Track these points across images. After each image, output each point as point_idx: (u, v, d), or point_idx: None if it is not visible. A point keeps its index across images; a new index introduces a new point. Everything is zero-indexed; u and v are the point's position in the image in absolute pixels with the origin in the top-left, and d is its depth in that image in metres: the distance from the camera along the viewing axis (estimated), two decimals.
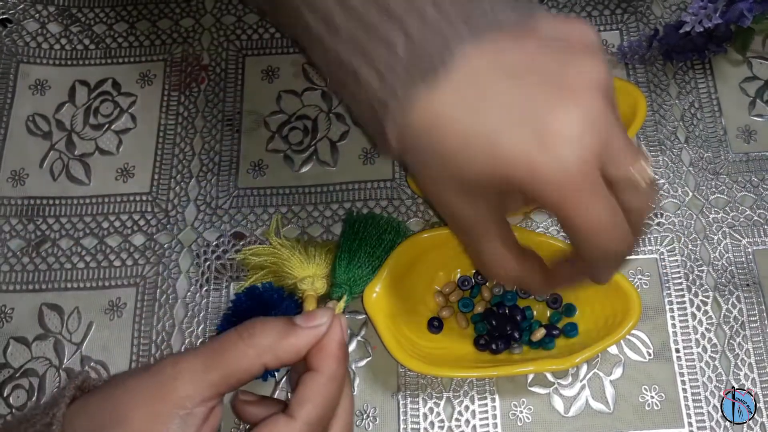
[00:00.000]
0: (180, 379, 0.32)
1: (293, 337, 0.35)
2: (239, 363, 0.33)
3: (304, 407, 0.34)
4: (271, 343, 0.34)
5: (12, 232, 0.54)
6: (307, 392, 0.34)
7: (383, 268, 0.47)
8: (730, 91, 0.55)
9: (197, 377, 0.33)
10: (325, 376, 0.35)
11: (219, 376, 0.33)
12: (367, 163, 0.55)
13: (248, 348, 0.34)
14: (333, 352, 0.36)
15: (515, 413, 0.47)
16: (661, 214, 0.52)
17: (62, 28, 0.61)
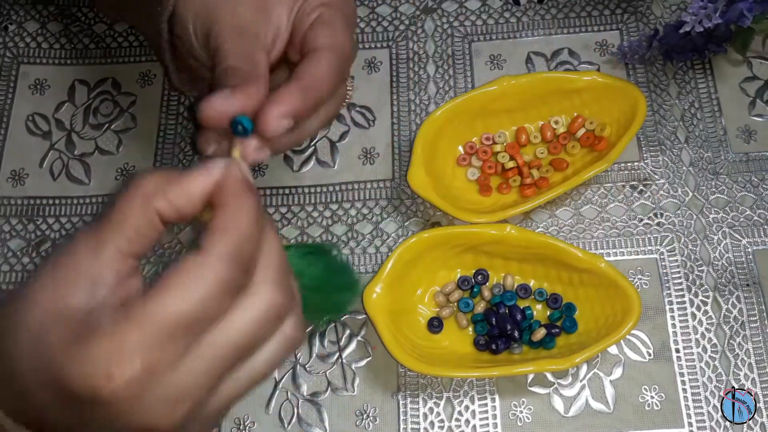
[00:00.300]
0: (77, 253, 0.30)
1: (183, 180, 0.31)
2: (127, 216, 0.30)
3: (215, 238, 0.29)
4: (157, 186, 0.30)
5: (12, 232, 0.54)
6: (216, 225, 0.30)
7: (383, 267, 0.47)
8: (730, 91, 0.55)
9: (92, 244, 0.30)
10: (230, 210, 0.30)
11: (111, 237, 0.30)
12: (367, 163, 0.55)
13: (133, 198, 0.30)
14: (234, 185, 0.31)
15: (515, 413, 0.47)
16: (661, 214, 0.52)
17: (62, 27, 0.61)
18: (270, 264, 0.31)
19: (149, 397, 0.28)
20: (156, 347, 0.27)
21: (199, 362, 0.29)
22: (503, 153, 0.53)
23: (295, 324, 0.32)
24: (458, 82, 0.57)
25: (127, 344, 0.27)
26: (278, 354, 0.31)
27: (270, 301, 0.30)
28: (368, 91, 0.57)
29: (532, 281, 0.50)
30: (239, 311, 0.29)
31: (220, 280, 0.28)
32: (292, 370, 0.49)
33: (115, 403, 0.27)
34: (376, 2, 0.60)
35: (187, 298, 0.28)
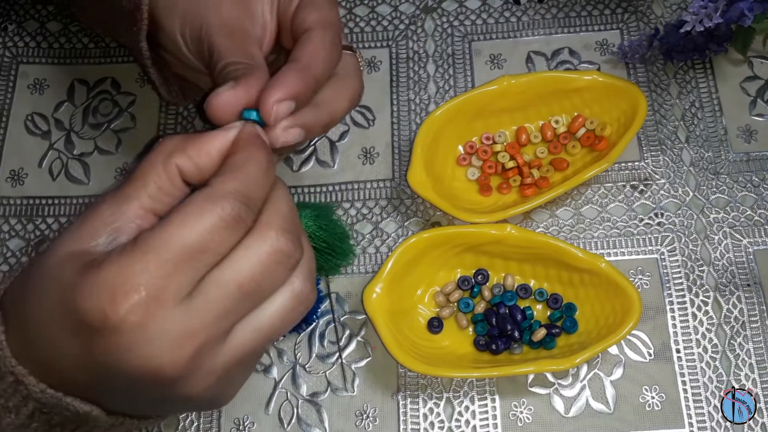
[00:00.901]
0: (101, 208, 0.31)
1: (202, 138, 0.33)
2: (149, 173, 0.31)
3: (223, 177, 0.31)
4: (177, 144, 0.32)
5: (11, 231, 0.54)
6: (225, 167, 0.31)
7: (383, 267, 0.47)
8: (731, 90, 0.55)
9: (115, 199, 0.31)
10: (241, 157, 0.32)
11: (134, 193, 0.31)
12: (366, 163, 0.55)
13: (155, 157, 0.32)
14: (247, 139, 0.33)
15: (515, 413, 0.47)
16: (661, 214, 0.52)
17: (61, 26, 0.61)
18: (278, 211, 0.32)
19: (153, 329, 0.28)
20: (161, 276, 0.28)
21: (203, 299, 0.29)
22: (503, 153, 0.53)
23: (305, 279, 0.32)
24: (458, 81, 0.57)
25: (133, 271, 0.28)
26: (289, 307, 0.32)
27: (275, 244, 0.30)
28: (368, 91, 0.57)
29: (533, 281, 0.50)
30: (243, 250, 0.30)
31: (223, 215, 0.29)
32: (291, 370, 0.49)
33: (120, 330, 0.28)
34: (376, 2, 0.60)
35: (191, 229, 0.29)
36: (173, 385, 0.30)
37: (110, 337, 0.28)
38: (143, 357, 0.29)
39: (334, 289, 0.51)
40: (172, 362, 0.29)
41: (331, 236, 0.49)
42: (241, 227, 0.30)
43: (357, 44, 0.59)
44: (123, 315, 0.28)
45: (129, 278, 0.28)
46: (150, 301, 0.28)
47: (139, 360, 0.29)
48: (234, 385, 0.34)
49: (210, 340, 0.30)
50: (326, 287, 0.51)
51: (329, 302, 0.50)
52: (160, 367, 0.29)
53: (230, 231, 0.29)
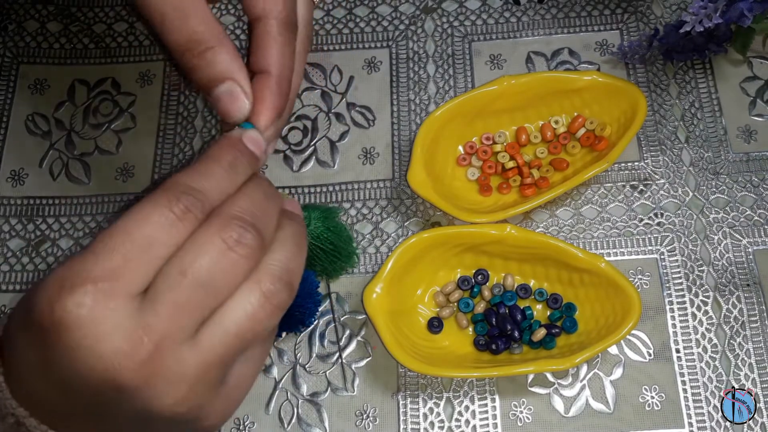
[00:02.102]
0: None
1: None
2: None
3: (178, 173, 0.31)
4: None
5: (12, 232, 0.54)
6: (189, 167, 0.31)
7: (383, 267, 0.47)
8: (731, 90, 0.55)
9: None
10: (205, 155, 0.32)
11: None
12: (367, 163, 0.55)
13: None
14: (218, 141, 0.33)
15: (515, 413, 0.47)
16: (661, 214, 0.52)
17: (62, 27, 0.61)
18: (233, 203, 0.31)
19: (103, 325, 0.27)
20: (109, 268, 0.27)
21: (156, 293, 0.28)
22: (503, 153, 0.53)
23: (275, 278, 0.30)
24: (458, 81, 0.57)
25: (82, 266, 0.27)
26: (257, 307, 0.30)
27: (224, 233, 0.29)
28: (368, 91, 0.57)
29: (532, 281, 0.50)
30: (192, 240, 0.29)
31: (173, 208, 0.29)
32: (292, 370, 0.49)
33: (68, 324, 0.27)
34: (376, 2, 0.60)
35: (139, 223, 0.28)
36: (138, 394, 0.28)
37: (59, 334, 0.27)
38: (95, 357, 0.27)
39: (334, 289, 0.51)
40: (128, 362, 0.27)
41: (338, 238, 0.49)
42: (189, 219, 0.29)
43: (357, 44, 0.59)
44: (69, 308, 0.27)
45: (76, 273, 0.27)
46: (97, 294, 0.27)
47: (92, 360, 0.27)
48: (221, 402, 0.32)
49: (169, 338, 0.28)
50: (326, 287, 0.51)
51: (329, 302, 0.51)
52: (115, 368, 0.27)
53: (178, 223, 0.29)
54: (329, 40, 0.59)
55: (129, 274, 0.28)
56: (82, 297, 0.27)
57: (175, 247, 0.29)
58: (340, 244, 0.49)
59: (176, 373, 0.28)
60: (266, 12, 0.35)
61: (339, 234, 0.49)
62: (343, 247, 0.50)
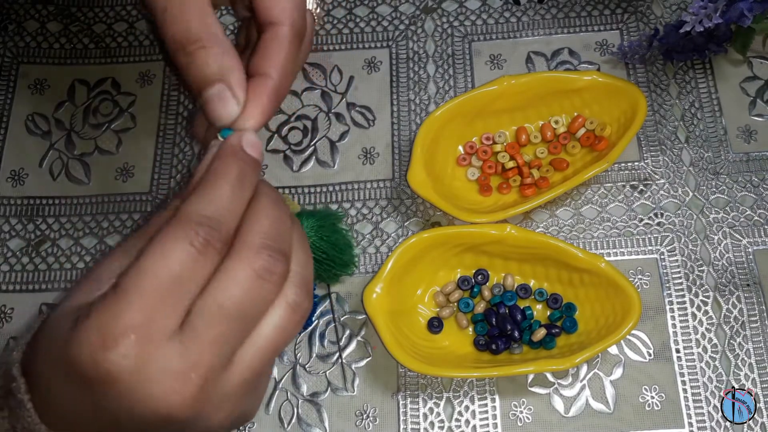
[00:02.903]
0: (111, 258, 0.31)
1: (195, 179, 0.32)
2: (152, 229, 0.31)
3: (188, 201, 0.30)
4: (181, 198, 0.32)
5: (12, 231, 0.54)
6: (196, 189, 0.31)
7: (383, 267, 0.47)
8: (731, 90, 0.55)
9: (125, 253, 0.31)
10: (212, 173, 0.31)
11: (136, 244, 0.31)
12: (367, 163, 0.55)
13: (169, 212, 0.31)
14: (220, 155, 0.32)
15: (515, 413, 0.47)
16: (661, 214, 0.52)
17: (61, 27, 0.61)
18: (255, 227, 0.31)
19: (151, 369, 0.28)
20: (145, 315, 0.28)
21: (195, 330, 0.29)
22: (503, 153, 0.53)
23: (298, 288, 0.31)
24: (458, 82, 0.57)
25: (117, 315, 0.28)
26: (286, 320, 0.31)
27: (255, 263, 0.30)
28: (368, 91, 0.57)
29: (532, 281, 0.50)
30: (223, 274, 0.29)
31: (194, 242, 0.29)
32: (292, 370, 0.49)
33: (117, 375, 0.27)
34: (376, 2, 0.60)
35: (163, 263, 0.28)
36: (190, 422, 0.29)
37: (110, 385, 0.28)
38: (148, 399, 0.28)
39: (334, 289, 0.51)
40: (180, 399, 0.28)
41: (332, 247, 0.49)
42: (211, 251, 0.29)
43: (357, 44, 0.59)
44: (116, 360, 0.27)
45: (114, 323, 0.27)
46: (140, 342, 0.27)
47: (145, 403, 0.28)
48: (255, 400, 0.34)
49: (213, 370, 0.29)
50: (326, 287, 0.51)
51: (329, 302, 0.51)
52: (168, 407, 0.28)
53: (202, 257, 0.29)
54: (329, 40, 0.59)
55: (164, 316, 0.28)
56: (125, 349, 0.27)
57: (203, 280, 0.29)
58: (334, 254, 0.49)
59: (222, 396, 0.30)
60: (280, 19, 0.35)
61: (334, 243, 0.49)
62: (337, 256, 0.49)
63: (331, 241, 0.49)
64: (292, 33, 0.36)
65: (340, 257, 0.49)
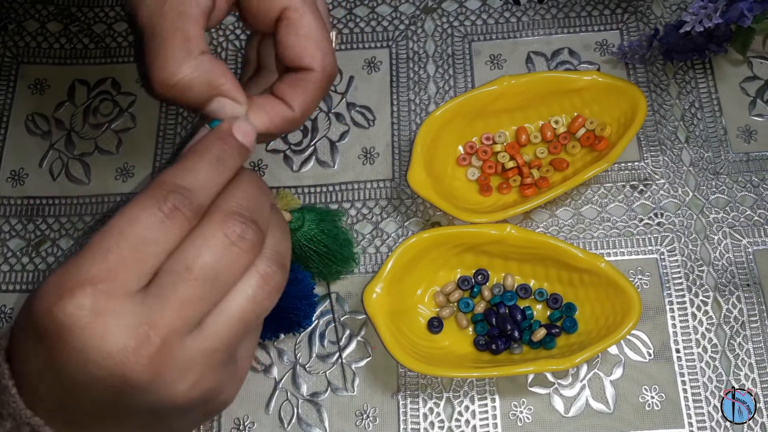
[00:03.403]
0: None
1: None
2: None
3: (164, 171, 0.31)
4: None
5: (12, 231, 0.54)
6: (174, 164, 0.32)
7: (383, 267, 0.47)
8: (731, 90, 0.55)
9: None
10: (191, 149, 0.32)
11: None
12: (367, 163, 0.55)
13: None
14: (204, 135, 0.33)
15: (515, 413, 0.47)
16: (661, 214, 0.52)
17: (62, 27, 0.61)
18: (228, 198, 0.31)
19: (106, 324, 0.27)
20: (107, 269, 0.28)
21: (159, 290, 0.29)
22: (503, 153, 0.53)
23: (269, 260, 0.31)
24: (458, 82, 0.57)
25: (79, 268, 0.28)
26: (257, 290, 0.31)
27: (222, 228, 0.30)
28: (368, 91, 0.57)
29: (532, 281, 0.50)
30: (192, 237, 0.29)
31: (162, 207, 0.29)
32: (292, 370, 0.49)
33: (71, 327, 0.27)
34: (376, 2, 0.60)
35: (132, 222, 0.29)
36: (149, 387, 0.28)
37: (63, 338, 0.27)
38: (102, 356, 0.27)
39: (334, 289, 0.51)
40: (136, 357, 0.28)
41: (333, 241, 0.49)
42: (180, 218, 0.29)
43: (357, 44, 0.59)
44: (70, 311, 0.27)
45: (74, 274, 0.28)
46: (97, 295, 0.27)
47: (99, 360, 0.27)
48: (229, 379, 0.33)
49: (175, 332, 0.29)
50: (326, 287, 0.51)
51: (329, 302, 0.51)
52: (123, 365, 0.27)
53: (170, 222, 0.29)
54: None
55: (125, 273, 0.28)
56: (81, 299, 0.27)
57: (169, 245, 0.29)
58: (335, 248, 0.49)
59: (185, 362, 0.29)
60: (311, 66, 0.36)
61: (335, 237, 0.49)
62: (338, 250, 0.49)
63: (332, 235, 0.49)
64: (323, 79, 0.36)
65: (341, 252, 0.49)
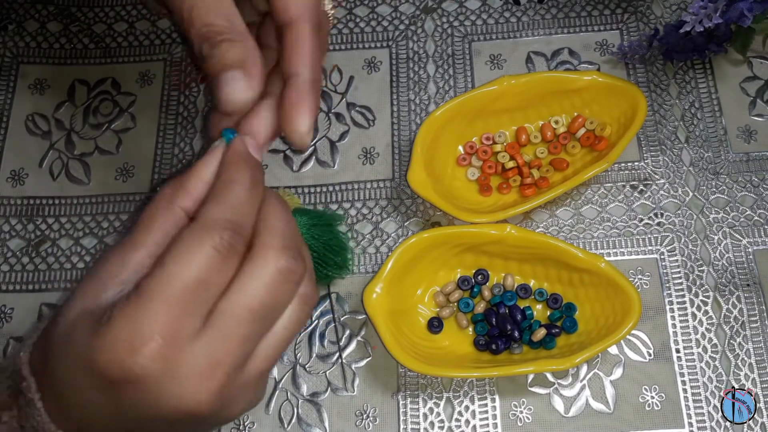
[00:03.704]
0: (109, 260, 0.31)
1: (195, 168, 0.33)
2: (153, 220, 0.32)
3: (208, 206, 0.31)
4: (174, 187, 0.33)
5: (12, 232, 0.54)
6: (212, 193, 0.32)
7: (383, 267, 0.47)
8: (731, 90, 0.55)
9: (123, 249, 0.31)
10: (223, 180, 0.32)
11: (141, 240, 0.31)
12: (367, 163, 0.55)
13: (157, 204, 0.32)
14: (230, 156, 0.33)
15: (515, 413, 0.47)
16: (661, 214, 0.52)
17: (62, 27, 0.61)
18: (273, 230, 0.32)
19: (177, 370, 0.29)
20: (170, 319, 0.28)
21: (219, 330, 0.30)
22: (503, 153, 0.53)
23: (307, 281, 0.33)
24: (458, 82, 0.57)
25: (142, 320, 0.28)
26: (299, 312, 0.33)
27: (278, 265, 0.31)
28: (368, 91, 0.57)
29: (532, 281, 0.50)
30: (248, 276, 0.30)
31: (217, 246, 0.29)
32: (292, 370, 0.49)
33: (144, 377, 0.28)
34: (376, 2, 0.60)
35: (187, 267, 0.29)
36: (213, 415, 0.30)
37: (137, 387, 0.28)
38: (175, 398, 0.29)
39: (334, 289, 0.51)
40: (206, 396, 0.29)
41: (324, 247, 0.48)
42: (234, 255, 0.30)
43: (357, 44, 0.59)
44: (143, 363, 0.28)
45: (140, 327, 0.28)
46: (166, 345, 0.28)
47: (172, 401, 0.29)
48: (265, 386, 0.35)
49: (236, 366, 0.30)
50: (326, 287, 0.51)
51: (329, 302, 0.51)
52: (195, 404, 0.29)
53: (226, 260, 0.30)
54: (329, 40, 0.59)
55: (188, 319, 0.29)
56: (152, 352, 0.28)
57: (227, 281, 0.30)
58: (326, 254, 0.48)
59: (243, 389, 0.31)
60: (299, 16, 0.36)
61: (327, 243, 0.49)
62: (330, 257, 0.49)
63: (323, 241, 0.48)
64: (311, 27, 0.36)
65: (333, 258, 0.49)
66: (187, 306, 0.29)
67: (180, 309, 0.29)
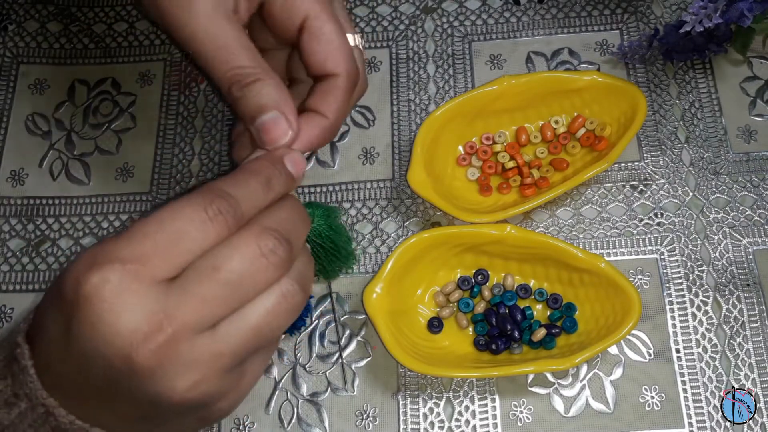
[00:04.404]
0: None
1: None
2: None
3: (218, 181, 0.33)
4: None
5: (12, 232, 0.54)
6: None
7: (383, 267, 0.47)
8: (731, 90, 0.55)
9: None
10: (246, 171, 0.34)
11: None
12: (367, 163, 0.55)
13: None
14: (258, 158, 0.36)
15: (515, 413, 0.47)
16: (661, 214, 0.52)
17: (62, 27, 0.61)
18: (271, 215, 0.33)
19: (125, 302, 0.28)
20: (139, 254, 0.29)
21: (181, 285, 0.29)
22: (503, 153, 0.53)
23: (293, 280, 0.32)
24: (458, 82, 0.57)
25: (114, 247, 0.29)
26: (276, 306, 0.32)
27: (257, 240, 0.31)
28: (368, 91, 0.57)
29: (532, 281, 0.50)
30: (225, 244, 0.30)
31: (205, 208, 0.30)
32: (292, 370, 0.49)
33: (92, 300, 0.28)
34: (376, 2, 0.60)
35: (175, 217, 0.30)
36: (150, 376, 0.29)
37: (82, 307, 0.28)
38: (112, 333, 0.28)
39: (334, 289, 0.51)
40: (145, 342, 0.28)
41: (339, 237, 0.49)
42: (221, 222, 0.30)
43: None
44: (95, 282, 0.28)
45: (108, 251, 0.29)
46: (125, 273, 0.28)
47: (109, 336, 0.28)
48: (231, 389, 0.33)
49: (188, 328, 0.29)
50: (327, 287, 0.51)
51: (329, 302, 0.51)
52: (131, 346, 0.28)
53: (211, 224, 0.30)
54: None
55: (156, 260, 0.29)
56: (108, 273, 0.28)
57: (205, 244, 0.30)
58: (340, 243, 0.49)
59: (190, 359, 0.30)
60: (335, 71, 0.38)
61: (339, 233, 0.49)
62: (342, 246, 0.49)
63: (338, 231, 0.49)
64: (348, 83, 0.38)
65: (345, 248, 0.50)
66: (159, 248, 0.29)
67: (152, 248, 0.29)
